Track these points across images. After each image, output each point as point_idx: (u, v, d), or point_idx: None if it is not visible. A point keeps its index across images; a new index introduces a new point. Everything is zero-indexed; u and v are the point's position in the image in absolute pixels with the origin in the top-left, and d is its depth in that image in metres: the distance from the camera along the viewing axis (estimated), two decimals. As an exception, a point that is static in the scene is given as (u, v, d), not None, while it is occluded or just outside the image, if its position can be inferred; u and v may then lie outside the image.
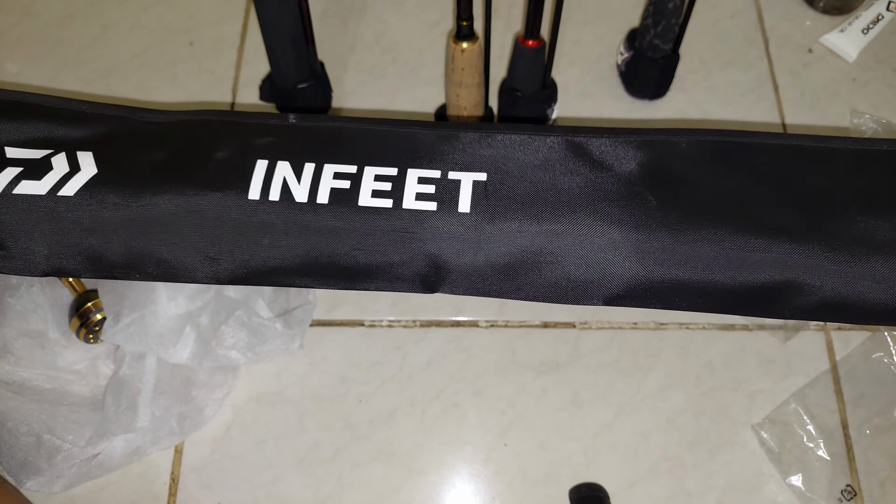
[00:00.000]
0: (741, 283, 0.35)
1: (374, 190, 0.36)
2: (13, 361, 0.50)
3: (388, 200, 0.36)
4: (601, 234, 0.35)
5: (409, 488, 0.52)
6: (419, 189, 0.36)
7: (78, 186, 0.36)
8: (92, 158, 0.37)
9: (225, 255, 0.37)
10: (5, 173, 0.36)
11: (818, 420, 0.54)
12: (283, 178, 0.36)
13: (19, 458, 0.48)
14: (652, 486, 0.53)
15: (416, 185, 0.36)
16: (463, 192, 0.36)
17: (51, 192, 0.36)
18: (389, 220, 0.36)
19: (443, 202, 0.36)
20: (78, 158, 0.37)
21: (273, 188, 0.36)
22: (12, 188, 0.36)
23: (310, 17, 0.56)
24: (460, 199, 0.36)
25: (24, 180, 0.36)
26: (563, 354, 0.57)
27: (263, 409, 0.55)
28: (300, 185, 0.36)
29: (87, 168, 0.37)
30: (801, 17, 0.73)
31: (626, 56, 0.65)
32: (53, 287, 0.52)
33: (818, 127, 0.67)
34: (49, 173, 0.36)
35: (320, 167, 0.37)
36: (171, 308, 0.51)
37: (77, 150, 0.37)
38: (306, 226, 0.36)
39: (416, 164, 0.37)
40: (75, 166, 0.37)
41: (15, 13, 0.71)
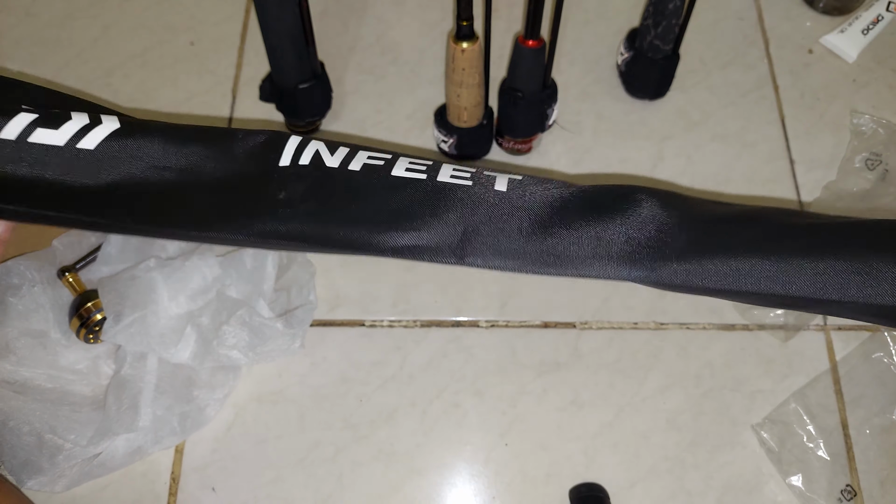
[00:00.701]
0: None
1: (409, 167, 0.36)
2: (15, 361, 0.50)
3: (422, 175, 0.36)
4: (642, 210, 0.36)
5: (409, 488, 0.53)
6: (453, 172, 0.36)
7: (100, 139, 0.35)
8: (116, 119, 0.36)
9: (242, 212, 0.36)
10: (19, 119, 0.34)
11: (818, 420, 0.54)
12: (315, 149, 0.36)
13: (21, 457, 0.48)
14: (652, 486, 0.53)
15: (452, 171, 0.36)
16: (499, 181, 0.36)
17: (70, 142, 0.34)
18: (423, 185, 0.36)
19: (478, 181, 0.36)
20: (100, 113, 0.36)
21: (304, 156, 0.36)
22: (27, 135, 0.34)
23: (310, 18, 0.56)
24: (496, 183, 0.36)
25: (39, 128, 0.34)
26: (564, 354, 0.57)
27: (264, 409, 0.55)
28: (332, 157, 0.36)
29: (110, 123, 0.35)
30: (802, 17, 0.73)
31: (626, 56, 0.66)
32: (54, 287, 0.52)
33: (818, 127, 0.67)
34: (67, 123, 0.35)
35: (355, 150, 0.37)
36: (173, 308, 0.51)
37: (100, 113, 0.36)
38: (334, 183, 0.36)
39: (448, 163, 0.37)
40: (97, 121, 0.35)
41: (15, 13, 0.71)
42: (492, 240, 0.36)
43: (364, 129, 0.66)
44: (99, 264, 0.54)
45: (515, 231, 0.36)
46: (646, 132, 0.66)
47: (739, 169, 0.64)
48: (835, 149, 0.65)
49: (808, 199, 0.63)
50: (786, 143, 0.66)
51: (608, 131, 0.66)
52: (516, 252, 0.36)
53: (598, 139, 0.66)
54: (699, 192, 0.63)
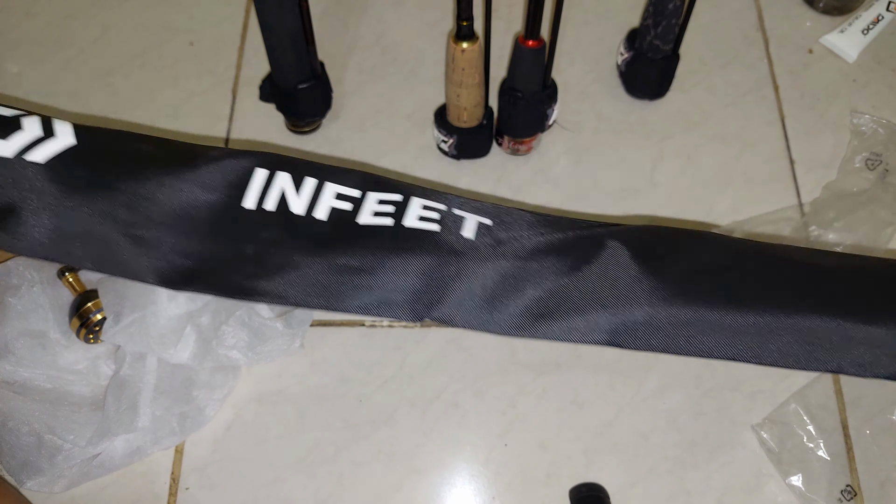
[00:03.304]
0: None
1: (376, 211, 0.35)
2: (14, 361, 0.50)
3: (388, 220, 0.34)
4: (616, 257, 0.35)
5: (409, 488, 0.53)
6: (423, 212, 0.35)
7: (50, 154, 0.32)
8: (71, 129, 0.34)
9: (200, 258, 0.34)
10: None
11: (818, 420, 0.54)
12: (281, 189, 0.34)
13: (20, 457, 0.48)
14: (652, 486, 0.53)
15: (421, 210, 0.35)
16: (467, 225, 0.35)
17: (19, 154, 0.32)
18: (389, 234, 0.34)
19: (445, 226, 0.35)
20: (54, 126, 0.34)
21: (270, 198, 0.34)
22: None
23: (310, 17, 0.56)
24: (464, 227, 0.35)
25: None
26: (563, 354, 0.57)
27: (264, 409, 0.55)
28: (298, 198, 0.34)
29: (64, 137, 0.33)
30: (801, 17, 0.73)
31: (626, 56, 0.66)
32: (54, 287, 0.52)
33: (818, 127, 0.67)
34: (17, 133, 0.33)
35: (322, 184, 0.35)
36: (172, 308, 0.51)
37: (53, 118, 0.34)
38: (298, 237, 0.34)
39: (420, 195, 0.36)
40: (49, 132, 0.33)
41: (15, 13, 0.71)
42: (456, 300, 0.35)
43: (364, 129, 0.66)
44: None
45: (479, 289, 0.35)
46: (646, 132, 0.66)
47: (739, 169, 0.64)
48: (835, 149, 0.65)
49: (808, 199, 0.63)
50: (786, 143, 0.66)
51: (608, 131, 0.66)
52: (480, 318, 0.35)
53: (598, 139, 0.66)
54: (699, 192, 0.63)
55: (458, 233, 0.34)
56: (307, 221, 0.34)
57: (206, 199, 0.34)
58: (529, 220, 0.37)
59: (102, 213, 0.33)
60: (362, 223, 0.34)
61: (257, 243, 0.34)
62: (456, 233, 0.35)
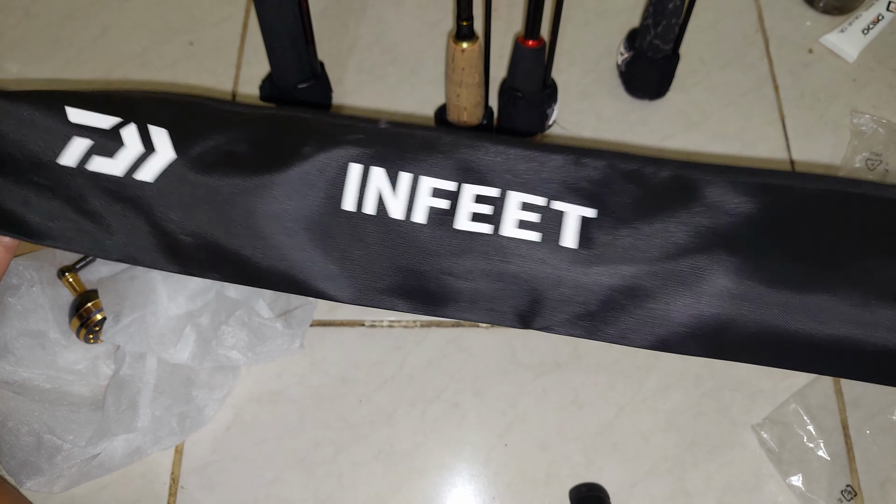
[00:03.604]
0: (871, 343, 0.33)
1: (474, 213, 0.34)
2: (14, 361, 0.50)
3: (486, 226, 0.33)
4: (714, 282, 0.33)
5: (409, 488, 0.53)
6: (522, 215, 0.34)
7: (157, 171, 0.34)
8: (167, 138, 0.34)
9: (311, 264, 0.34)
10: (74, 145, 0.34)
11: (818, 420, 0.54)
12: (377, 189, 0.34)
13: (20, 458, 0.48)
14: (652, 486, 0.53)
15: (519, 212, 0.34)
16: (568, 226, 0.34)
17: (128, 173, 0.34)
18: (487, 245, 0.34)
19: (547, 233, 0.33)
20: (151, 135, 0.34)
21: (368, 200, 0.34)
22: (85, 163, 0.34)
23: (310, 17, 0.56)
24: (565, 233, 0.33)
25: (95, 156, 0.34)
26: (564, 354, 0.57)
27: (264, 409, 0.55)
28: (396, 198, 0.34)
29: (164, 150, 0.34)
30: (801, 17, 0.73)
31: (626, 56, 0.66)
32: (54, 287, 0.52)
33: (818, 127, 0.67)
34: (121, 150, 0.34)
35: (417, 178, 0.34)
36: (172, 308, 0.51)
37: (148, 124, 0.34)
38: (401, 244, 0.34)
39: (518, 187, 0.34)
40: (149, 145, 0.34)
41: (15, 13, 0.71)
42: (558, 311, 0.34)
43: (364, 129, 0.66)
44: (98, 264, 0.54)
45: (584, 306, 0.34)
46: (646, 132, 0.66)
47: (739, 169, 0.64)
48: (835, 149, 0.65)
49: (809, 199, 0.63)
50: (786, 143, 0.66)
51: (608, 131, 0.66)
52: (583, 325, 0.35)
53: (598, 139, 0.66)
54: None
55: (559, 244, 0.33)
56: (407, 227, 0.34)
57: (309, 205, 0.34)
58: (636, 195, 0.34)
59: (213, 224, 0.34)
60: (460, 228, 0.33)
61: (364, 250, 0.34)
62: (557, 244, 0.33)
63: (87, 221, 0.35)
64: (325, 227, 0.34)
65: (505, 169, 0.34)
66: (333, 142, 0.34)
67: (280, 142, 0.35)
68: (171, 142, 0.34)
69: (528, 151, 0.35)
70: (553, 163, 0.35)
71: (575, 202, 0.34)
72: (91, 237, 0.35)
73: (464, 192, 0.34)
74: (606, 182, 0.35)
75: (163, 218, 0.34)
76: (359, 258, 0.34)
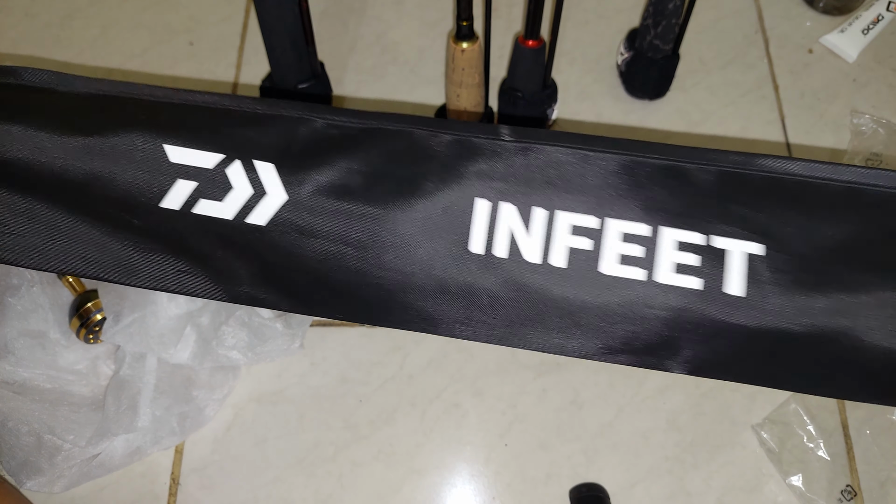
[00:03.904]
0: None
1: (622, 255, 0.30)
2: (14, 361, 0.50)
3: (638, 270, 0.30)
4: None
5: (409, 488, 0.53)
6: (678, 258, 0.29)
7: (269, 215, 0.31)
8: (276, 175, 0.32)
9: (442, 310, 0.32)
10: (178, 188, 0.32)
11: (818, 420, 0.54)
12: (509, 229, 0.30)
13: (20, 458, 0.48)
14: (652, 486, 0.53)
15: (675, 253, 0.29)
16: (734, 268, 0.29)
17: (238, 216, 0.32)
18: (638, 293, 0.30)
19: (709, 281, 0.29)
20: (258, 173, 0.32)
21: (499, 241, 0.30)
22: (191, 206, 0.32)
23: (310, 17, 0.56)
24: (730, 276, 0.29)
25: (202, 199, 0.32)
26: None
27: (264, 409, 0.55)
28: (530, 238, 0.30)
29: (274, 191, 0.32)
30: (801, 17, 0.73)
31: (626, 56, 0.65)
32: (54, 287, 0.52)
33: (818, 127, 0.67)
34: (230, 194, 0.32)
35: (552, 216, 0.30)
36: (172, 308, 0.51)
37: (253, 159, 0.32)
38: (540, 292, 0.30)
39: (670, 222, 0.30)
40: (258, 185, 0.32)
41: (15, 13, 0.71)
42: (727, 366, 0.30)
43: (364, 129, 0.66)
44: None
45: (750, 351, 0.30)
46: (646, 132, 0.66)
47: (739, 169, 0.64)
48: (835, 149, 0.65)
49: (809, 199, 0.63)
50: (786, 142, 0.66)
51: (608, 131, 0.66)
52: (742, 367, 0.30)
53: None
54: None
55: (723, 291, 0.29)
56: (545, 271, 0.30)
57: (434, 250, 0.31)
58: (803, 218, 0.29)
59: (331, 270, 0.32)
60: (607, 273, 0.30)
61: (494, 296, 0.31)
62: (720, 291, 0.29)
63: (193, 265, 0.33)
64: (452, 272, 0.31)
65: (653, 201, 0.30)
66: (456, 173, 0.31)
67: (397, 174, 0.32)
68: (280, 179, 0.32)
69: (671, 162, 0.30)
70: (703, 185, 0.30)
71: (743, 238, 0.29)
72: (197, 281, 0.33)
73: (607, 230, 0.30)
74: (767, 204, 0.30)
75: (276, 261, 0.32)
76: (489, 306, 0.31)
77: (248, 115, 0.33)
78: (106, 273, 0.33)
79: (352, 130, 0.33)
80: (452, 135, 0.32)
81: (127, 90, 0.34)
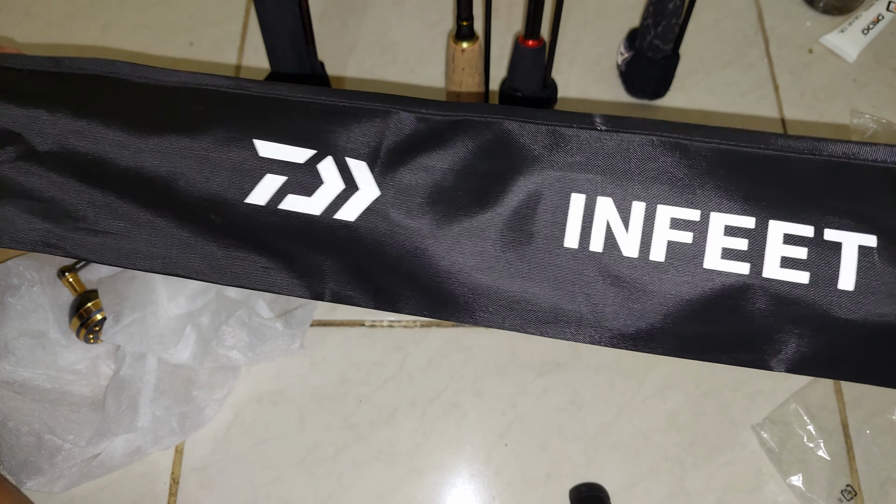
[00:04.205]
0: None
1: (725, 248, 0.28)
2: (14, 361, 0.50)
3: (742, 265, 0.28)
4: None
5: (409, 488, 0.53)
6: (784, 250, 0.28)
7: (359, 211, 0.31)
8: (368, 172, 0.31)
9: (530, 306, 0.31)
10: (266, 183, 0.31)
11: (818, 420, 0.54)
12: (606, 223, 0.29)
13: (20, 457, 0.48)
14: (652, 486, 0.53)
15: (782, 247, 0.28)
16: (845, 261, 0.28)
17: (326, 212, 0.31)
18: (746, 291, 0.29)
19: (817, 274, 0.28)
20: (351, 170, 0.31)
21: (595, 234, 0.29)
22: (278, 202, 0.31)
23: (310, 17, 0.56)
24: (840, 270, 0.28)
25: (290, 195, 0.31)
26: (564, 354, 0.57)
27: (264, 409, 0.55)
28: (628, 234, 0.29)
29: (366, 187, 0.31)
30: (801, 17, 0.73)
31: (626, 56, 0.66)
32: (54, 287, 0.52)
33: (819, 127, 0.67)
34: (320, 189, 0.31)
35: (652, 208, 0.29)
36: (172, 308, 0.51)
37: (346, 157, 0.31)
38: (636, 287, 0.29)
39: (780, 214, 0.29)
40: (350, 181, 0.31)
41: (15, 13, 0.71)
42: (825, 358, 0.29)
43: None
44: (98, 264, 0.54)
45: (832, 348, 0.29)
46: (646, 132, 0.66)
47: (739, 169, 0.64)
48: (835, 149, 0.65)
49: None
50: (786, 143, 0.66)
51: (608, 131, 0.66)
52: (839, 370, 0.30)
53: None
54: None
55: (832, 285, 0.28)
56: (641, 265, 0.29)
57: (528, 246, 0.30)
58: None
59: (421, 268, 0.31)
60: (710, 268, 0.29)
61: (590, 295, 0.30)
62: (829, 286, 0.28)
63: (277, 262, 0.32)
64: (546, 267, 0.30)
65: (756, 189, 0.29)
66: (548, 166, 0.30)
67: (487, 169, 0.31)
68: (373, 175, 0.31)
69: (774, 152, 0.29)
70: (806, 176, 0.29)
71: (856, 230, 0.28)
72: (281, 277, 0.32)
73: (711, 223, 0.29)
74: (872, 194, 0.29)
75: (364, 257, 0.31)
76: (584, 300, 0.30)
77: (334, 107, 0.32)
78: (187, 271, 0.33)
79: (440, 123, 0.32)
80: (543, 125, 0.31)
81: (206, 82, 0.34)
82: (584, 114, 0.31)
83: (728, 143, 0.30)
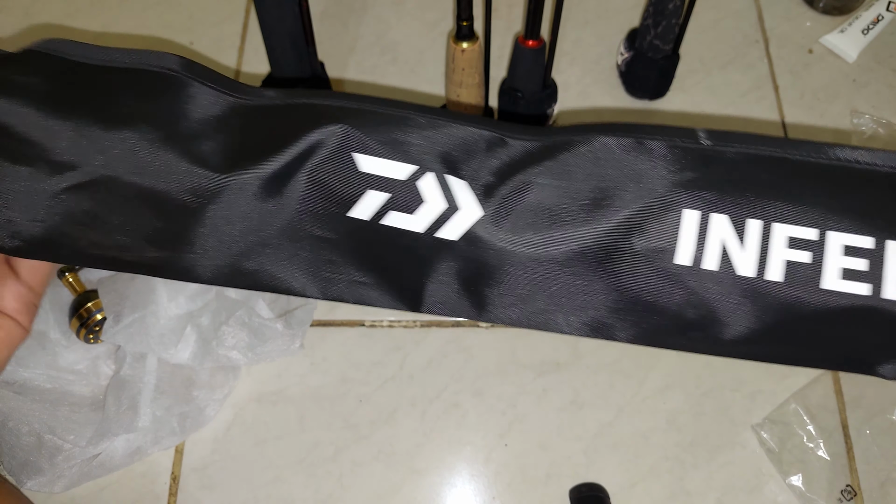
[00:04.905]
0: None
1: (845, 269, 0.28)
2: (14, 361, 0.50)
3: (864, 286, 0.28)
4: None
5: (409, 488, 0.53)
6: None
7: (462, 231, 0.30)
8: (470, 192, 0.30)
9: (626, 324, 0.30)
10: (368, 199, 0.30)
11: (818, 420, 0.54)
12: (721, 241, 0.29)
13: (20, 458, 0.48)
14: (652, 486, 0.53)
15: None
16: None
17: (429, 230, 0.30)
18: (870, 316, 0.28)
19: None
20: (451, 189, 0.30)
21: (709, 251, 0.29)
22: (380, 218, 0.30)
23: (310, 18, 0.56)
24: None
25: (392, 211, 0.30)
26: (564, 354, 0.57)
27: (264, 409, 0.55)
28: (744, 251, 0.28)
29: (468, 207, 0.30)
30: (801, 17, 0.73)
31: (626, 56, 0.66)
32: (54, 287, 0.52)
33: (818, 127, 0.67)
34: (422, 206, 0.30)
35: (769, 227, 0.28)
36: (172, 308, 0.51)
37: (447, 174, 0.30)
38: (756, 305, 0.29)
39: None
40: (451, 200, 0.30)
41: (15, 13, 0.71)
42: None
43: (364, 129, 0.66)
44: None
45: None
46: (646, 132, 0.66)
47: (739, 169, 0.64)
48: (835, 149, 0.65)
49: (808, 199, 0.63)
50: (786, 143, 0.66)
51: (608, 131, 0.66)
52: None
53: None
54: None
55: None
56: (761, 285, 0.28)
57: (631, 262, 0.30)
58: None
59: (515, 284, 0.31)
60: (827, 288, 0.28)
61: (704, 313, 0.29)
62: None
63: (376, 277, 0.32)
64: (657, 286, 0.30)
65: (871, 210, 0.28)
66: (658, 183, 0.29)
67: (593, 190, 0.30)
68: (475, 195, 0.30)
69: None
70: None
71: None
72: (377, 293, 0.32)
73: (829, 242, 0.28)
74: None
75: (468, 275, 0.31)
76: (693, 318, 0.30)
77: (429, 123, 0.32)
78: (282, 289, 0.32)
79: (540, 144, 0.32)
80: (649, 139, 0.30)
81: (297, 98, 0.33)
82: (686, 128, 0.31)
83: (829, 160, 0.30)
